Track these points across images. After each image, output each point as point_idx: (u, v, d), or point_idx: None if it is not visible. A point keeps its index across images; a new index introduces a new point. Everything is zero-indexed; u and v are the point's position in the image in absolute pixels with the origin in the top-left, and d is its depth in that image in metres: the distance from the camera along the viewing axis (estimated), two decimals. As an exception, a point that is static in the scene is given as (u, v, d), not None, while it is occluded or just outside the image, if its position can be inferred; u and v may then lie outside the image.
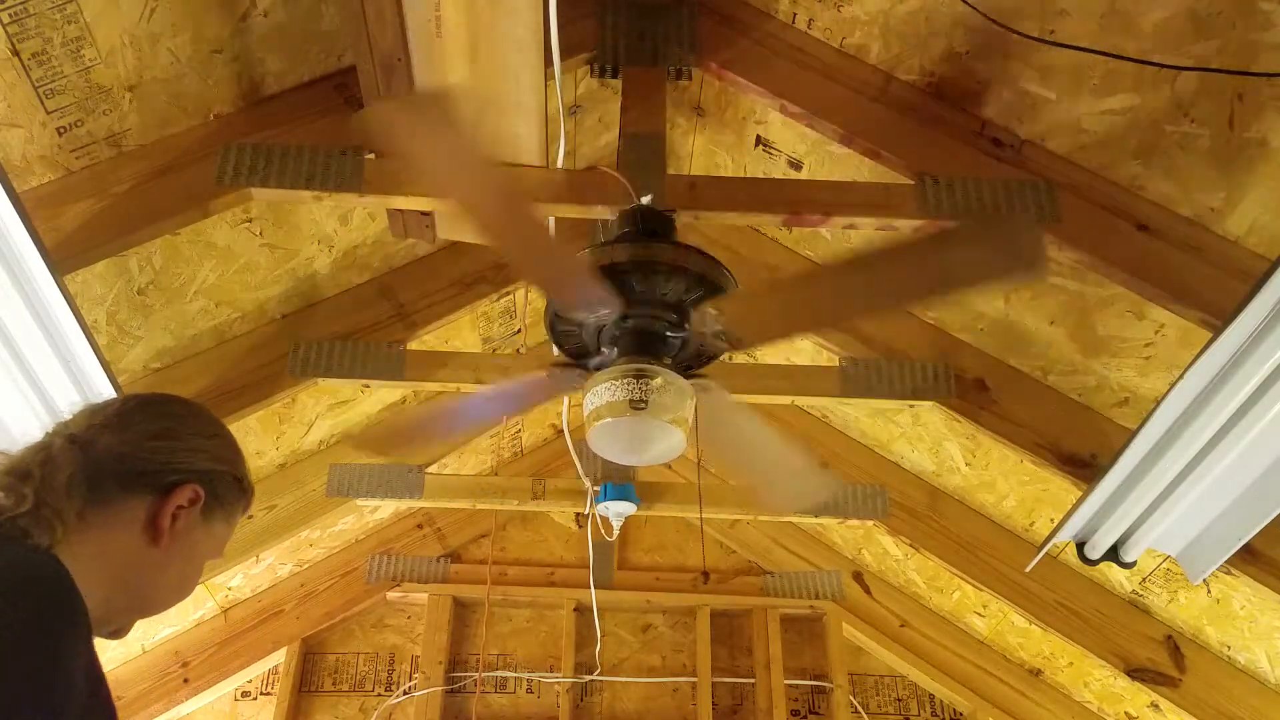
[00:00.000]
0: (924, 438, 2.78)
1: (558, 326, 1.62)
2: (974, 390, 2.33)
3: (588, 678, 3.52)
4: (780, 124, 2.22)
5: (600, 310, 1.50)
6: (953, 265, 1.29)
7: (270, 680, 3.44)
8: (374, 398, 2.85)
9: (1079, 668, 3.11)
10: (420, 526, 3.66)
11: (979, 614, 3.31)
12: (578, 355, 1.68)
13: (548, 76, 1.75)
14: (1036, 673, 3.33)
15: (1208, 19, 1.48)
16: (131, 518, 0.99)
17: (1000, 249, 1.24)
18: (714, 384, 1.62)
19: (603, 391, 1.49)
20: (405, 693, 3.43)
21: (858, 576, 3.60)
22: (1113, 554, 2.13)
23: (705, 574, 3.67)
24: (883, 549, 3.40)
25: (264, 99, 1.89)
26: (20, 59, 1.53)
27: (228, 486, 1.08)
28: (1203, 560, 1.97)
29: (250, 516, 2.74)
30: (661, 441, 1.52)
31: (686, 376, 1.56)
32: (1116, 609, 2.70)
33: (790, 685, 3.50)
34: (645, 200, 1.72)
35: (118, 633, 1.03)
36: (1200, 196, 1.71)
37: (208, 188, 1.76)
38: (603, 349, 1.61)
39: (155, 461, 1.02)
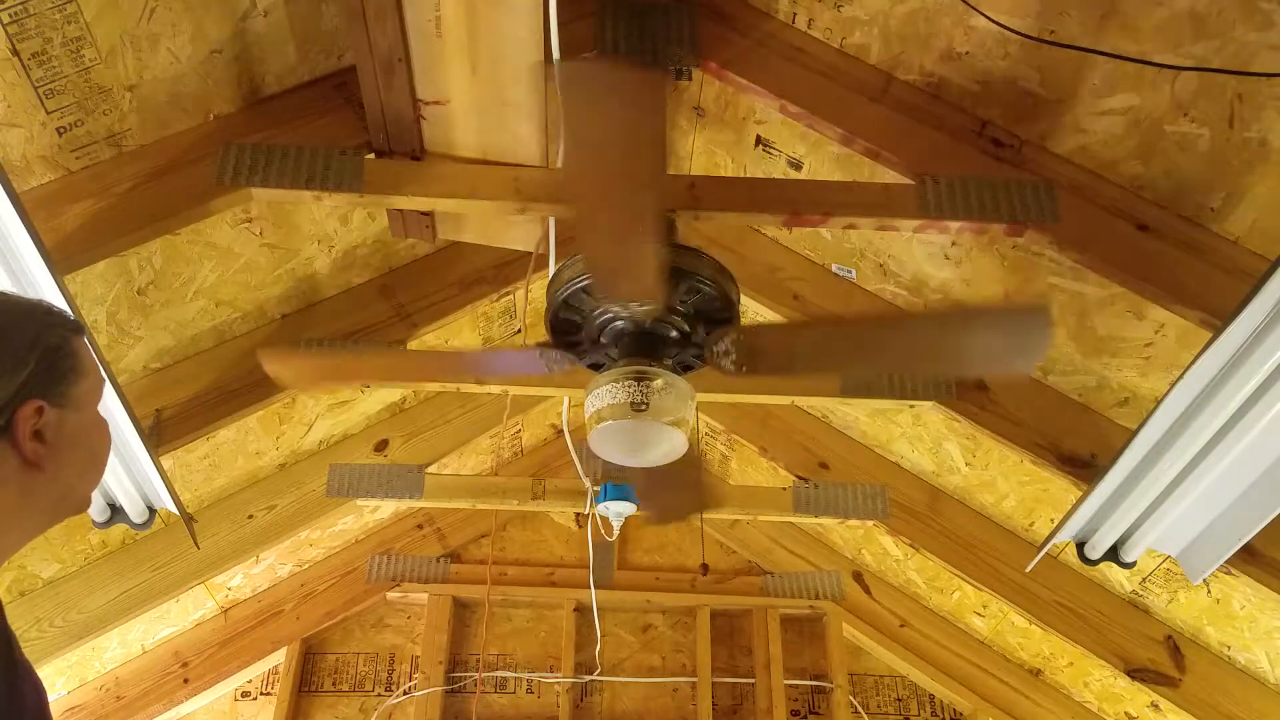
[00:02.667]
0: (924, 438, 2.78)
1: (560, 318, 1.62)
2: (974, 390, 2.33)
3: (588, 678, 3.52)
4: (780, 124, 2.22)
5: (639, 307, 1.49)
6: (964, 348, 1.38)
7: (270, 680, 3.44)
8: (374, 398, 2.85)
9: (1079, 668, 3.11)
10: (420, 526, 3.66)
11: (979, 614, 3.31)
12: (570, 346, 1.67)
13: (548, 76, 1.75)
14: (1036, 673, 3.33)
15: (1208, 19, 1.48)
16: (4, 470, 0.93)
17: (1013, 342, 1.32)
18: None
19: (604, 394, 1.49)
20: (405, 693, 3.43)
21: (858, 576, 3.60)
22: (1113, 554, 2.13)
23: (705, 566, 3.66)
24: (883, 549, 3.40)
25: (264, 99, 1.89)
26: (20, 59, 1.53)
27: (48, 367, 0.97)
28: (1203, 560, 1.97)
29: (251, 516, 2.75)
30: (663, 443, 1.52)
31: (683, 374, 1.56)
32: (1116, 609, 2.70)
33: (790, 685, 3.50)
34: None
35: (78, 507, 1.01)
36: (1200, 196, 1.71)
37: (208, 188, 1.76)
38: (602, 345, 1.61)
39: None
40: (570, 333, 1.64)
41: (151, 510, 2.20)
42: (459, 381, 2.37)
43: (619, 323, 1.57)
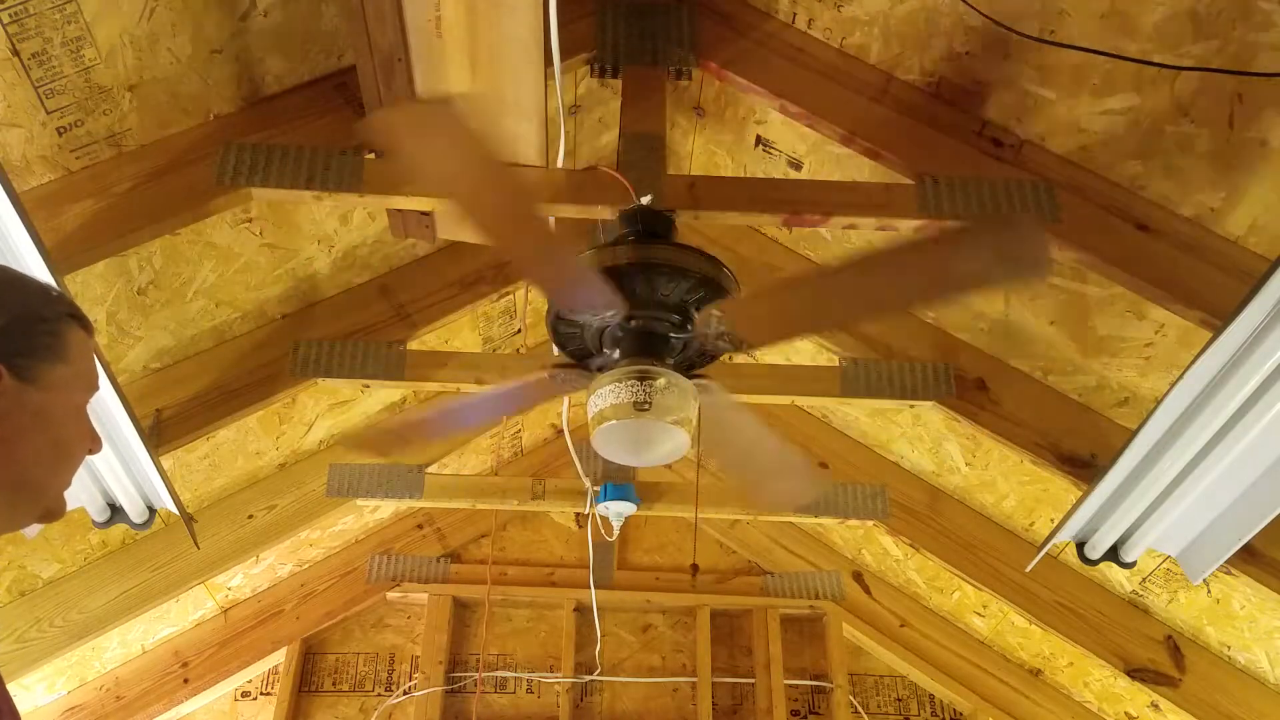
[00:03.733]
0: (924, 438, 2.78)
1: (560, 328, 1.62)
2: (974, 390, 2.33)
3: (588, 678, 3.52)
4: (780, 124, 2.22)
5: (604, 312, 1.50)
6: (957, 268, 1.30)
7: (270, 680, 3.44)
8: (374, 398, 2.85)
9: (1079, 668, 3.11)
10: (420, 526, 3.66)
11: (979, 614, 3.31)
12: (579, 356, 1.68)
13: (548, 76, 1.75)
14: (1036, 673, 3.33)
15: (1208, 19, 1.48)
16: None
17: (1004, 251, 1.24)
18: (714, 384, 1.62)
19: (606, 393, 1.49)
20: (405, 693, 3.43)
21: (858, 576, 3.60)
22: (1113, 554, 2.13)
23: (695, 567, 3.66)
24: (883, 549, 3.40)
25: (264, 99, 1.89)
26: (20, 59, 1.53)
27: (28, 333, 0.91)
28: (1203, 560, 1.97)
29: (251, 516, 2.75)
30: (665, 442, 1.52)
31: (688, 377, 1.56)
32: (1116, 609, 2.70)
33: (790, 685, 3.50)
34: (645, 200, 1.72)
35: (45, 516, 0.94)
36: (1200, 196, 1.71)
37: (208, 188, 1.76)
38: (605, 350, 1.61)
39: None
40: (574, 339, 1.64)
41: (151, 510, 2.20)
42: (493, 424, 2.37)
43: (610, 326, 1.57)
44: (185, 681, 3.23)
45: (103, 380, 1.76)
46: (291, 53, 1.85)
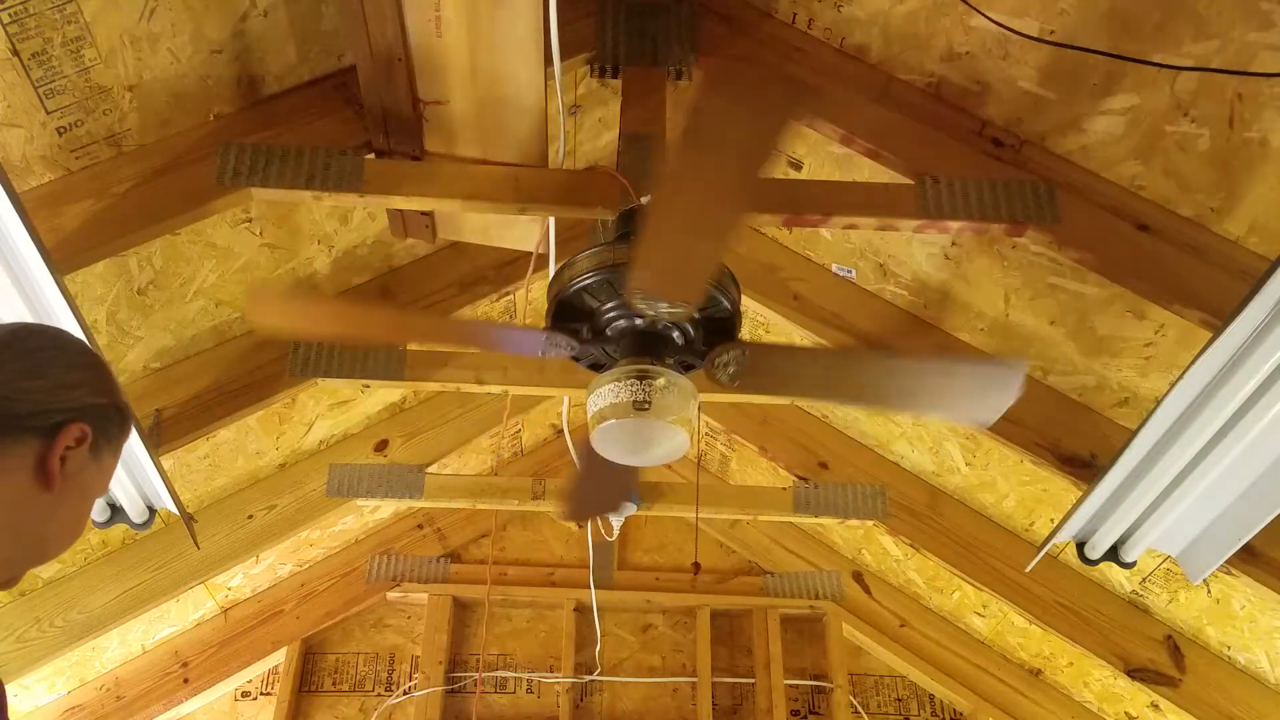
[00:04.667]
0: (924, 438, 2.78)
1: (562, 315, 1.61)
2: (974, 390, 2.33)
3: (588, 678, 3.52)
4: (780, 124, 2.21)
5: (674, 308, 1.50)
6: (945, 396, 1.49)
7: (270, 680, 3.44)
8: (374, 398, 2.85)
9: (1079, 668, 3.11)
10: (420, 526, 3.66)
11: (979, 614, 3.31)
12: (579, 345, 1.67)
13: (548, 76, 1.75)
14: (1036, 673, 3.33)
15: (1208, 19, 1.48)
16: (18, 464, 0.92)
17: (989, 398, 1.46)
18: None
19: (606, 392, 1.49)
20: (405, 693, 3.43)
21: (858, 576, 3.60)
22: (1113, 554, 2.13)
23: (697, 565, 3.66)
24: (883, 549, 3.40)
25: (264, 99, 1.89)
26: (20, 59, 1.53)
27: (110, 418, 1.02)
28: (1203, 560, 1.97)
29: (251, 516, 2.75)
30: (665, 442, 1.51)
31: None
32: (1116, 609, 2.70)
33: (790, 685, 3.50)
34: (645, 200, 1.72)
35: (8, 583, 0.98)
36: (1200, 196, 1.71)
37: (208, 188, 1.76)
38: (604, 345, 1.61)
39: (35, 402, 0.94)
40: (572, 323, 1.63)
41: (151, 510, 2.20)
42: (454, 346, 2.34)
43: (633, 320, 1.56)
44: (185, 681, 3.23)
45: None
46: (291, 53, 1.85)
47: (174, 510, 2.19)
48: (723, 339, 1.58)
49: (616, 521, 2.91)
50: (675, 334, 1.58)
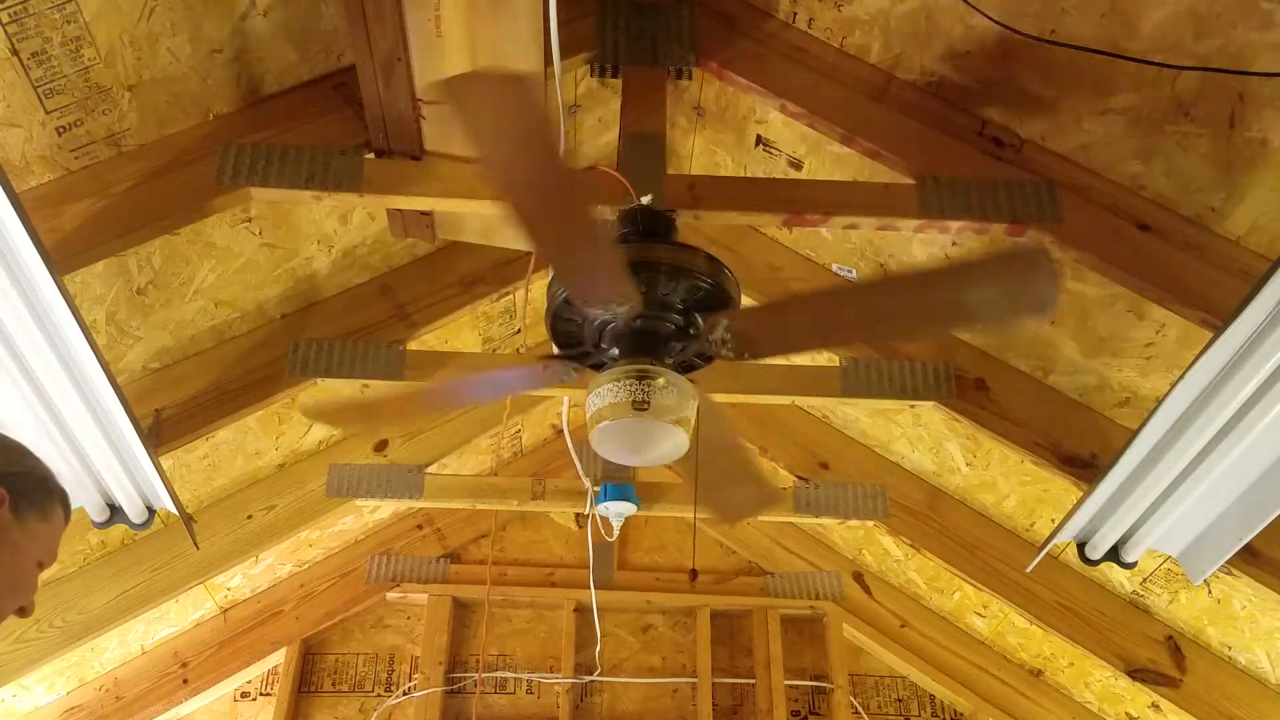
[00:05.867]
0: (924, 438, 2.78)
1: (559, 325, 1.62)
2: (974, 390, 2.33)
3: (588, 678, 3.52)
4: (780, 124, 2.22)
5: (618, 307, 1.49)
6: (965, 297, 1.31)
7: (270, 681, 3.44)
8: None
9: (1080, 668, 3.11)
10: (420, 527, 3.65)
11: (979, 614, 3.31)
12: (577, 354, 1.67)
13: (548, 76, 1.75)
14: (1037, 673, 3.33)
15: (1208, 18, 1.48)
16: None
17: (1014, 284, 1.25)
18: (695, 386, 1.63)
19: (605, 393, 1.49)
20: (405, 693, 3.43)
21: (858, 577, 3.59)
22: (1113, 554, 2.13)
23: (694, 572, 3.66)
24: (883, 549, 3.40)
25: (264, 98, 1.89)
26: (20, 59, 1.53)
27: (29, 484, 1.14)
28: (1204, 560, 1.97)
29: (250, 517, 2.75)
30: (664, 442, 1.51)
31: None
32: (1117, 609, 2.70)
33: (790, 686, 3.50)
34: (645, 200, 1.72)
35: None
36: (1201, 196, 1.71)
37: (207, 187, 1.75)
38: (604, 347, 1.61)
39: None
40: (572, 337, 1.64)
41: (151, 510, 2.20)
42: (472, 405, 2.36)
43: (613, 324, 1.57)
44: (185, 682, 3.23)
45: (102, 380, 1.76)
46: (291, 52, 1.85)
47: (173, 510, 2.19)
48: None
49: (616, 522, 2.90)
50: (671, 329, 1.58)
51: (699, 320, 1.57)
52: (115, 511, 2.16)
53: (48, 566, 1.19)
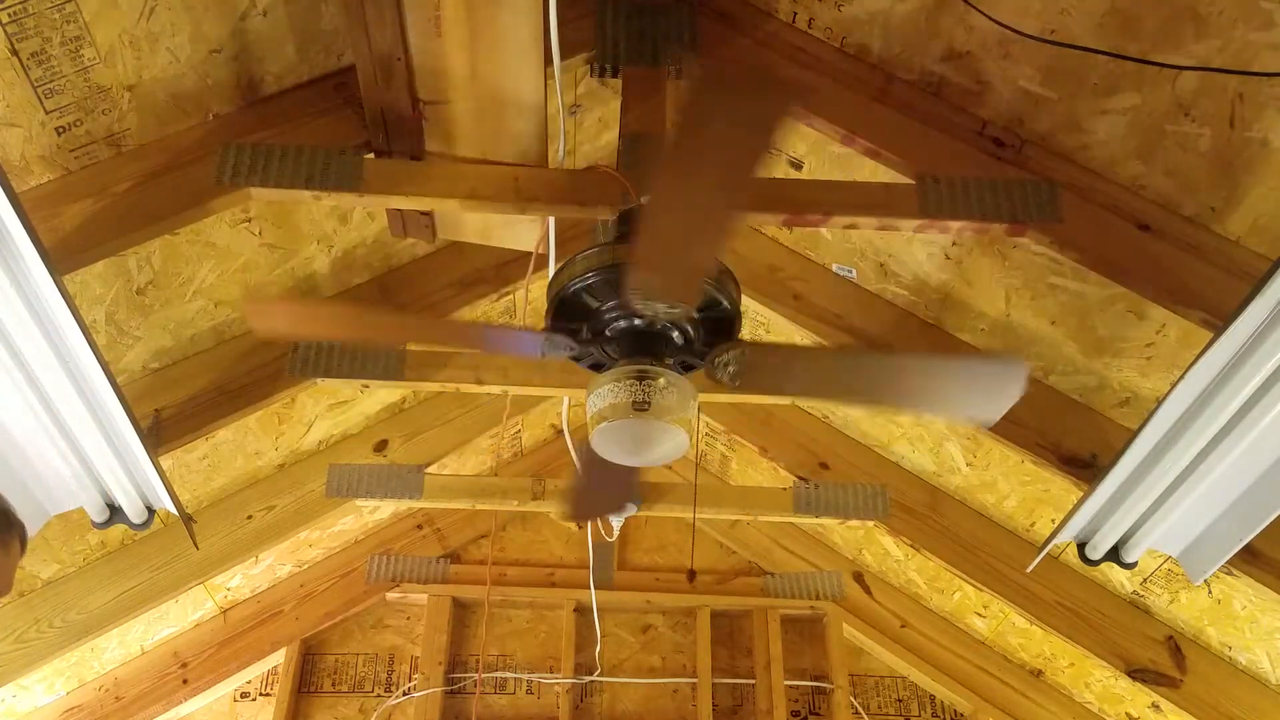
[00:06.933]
0: (925, 438, 2.78)
1: (561, 312, 1.61)
2: (974, 390, 2.32)
3: (588, 678, 3.52)
4: (780, 124, 2.21)
5: (675, 308, 1.50)
6: (947, 395, 1.48)
7: (269, 681, 3.44)
8: (374, 398, 2.84)
9: (1080, 668, 3.11)
10: (420, 527, 3.66)
11: (980, 614, 3.31)
12: (578, 356, 1.67)
13: (548, 75, 1.75)
14: (1037, 673, 3.33)
15: (1208, 19, 1.48)
16: None
17: (988, 392, 1.45)
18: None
19: (605, 393, 1.49)
20: (405, 693, 3.43)
21: (858, 577, 3.59)
22: (1114, 554, 2.12)
23: (692, 573, 3.66)
24: (883, 549, 3.40)
25: (263, 98, 1.89)
26: (19, 59, 1.53)
27: None
28: (1204, 561, 1.97)
29: (250, 517, 2.75)
30: (665, 442, 1.51)
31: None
32: (1117, 609, 2.70)
33: (790, 686, 3.50)
34: (645, 200, 1.72)
35: None
36: (1201, 196, 1.71)
37: (207, 188, 1.75)
38: (604, 344, 1.61)
39: None
40: (571, 323, 1.63)
41: (150, 510, 2.20)
42: (452, 347, 2.34)
43: (633, 320, 1.56)
44: (184, 682, 3.23)
45: (102, 380, 1.76)
46: (291, 52, 1.85)
47: (173, 511, 2.19)
48: (723, 339, 1.57)
49: (616, 522, 2.90)
50: (675, 334, 1.58)
51: (701, 326, 1.57)
52: (115, 511, 2.16)
53: (4, 595, 1.21)
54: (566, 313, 1.60)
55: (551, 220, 2.03)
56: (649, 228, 1.28)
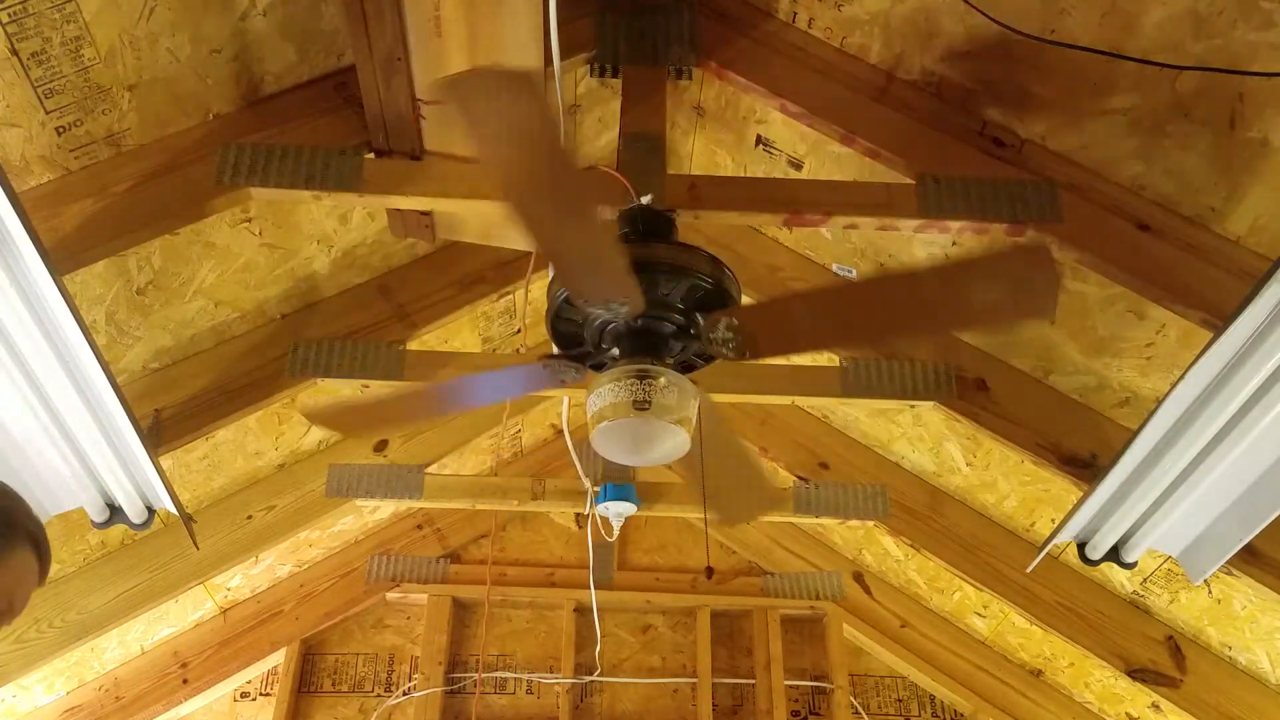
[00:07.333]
0: (925, 438, 2.78)
1: (559, 325, 1.62)
2: (974, 390, 2.33)
3: (588, 678, 3.52)
4: (781, 124, 2.22)
5: (620, 307, 1.48)
6: (968, 300, 1.30)
7: (269, 681, 3.44)
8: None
9: (1080, 668, 3.11)
10: (420, 527, 3.65)
11: (980, 614, 3.31)
12: (578, 354, 1.67)
13: (548, 76, 1.75)
14: (1037, 673, 3.33)
15: (1208, 18, 1.48)
16: None
17: (1017, 288, 1.26)
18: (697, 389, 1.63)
19: (606, 393, 1.49)
20: (405, 693, 3.43)
21: (858, 577, 3.59)
22: (1114, 554, 2.13)
23: (710, 570, 3.65)
24: (883, 549, 3.40)
25: (263, 98, 1.89)
26: (19, 59, 1.53)
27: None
28: (1204, 560, 1.97)
29: (250, 517, 2.75)
30: (665, 442, 1.51)
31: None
32: (1117, 609, 2.70)
33: (790, 686, 3.50)
34: (645, 200, 1.72)
35: None
36: (1201, 196, 1.71)
37: (207, 188, 1.75)
38: (604, 347, 1.61)
39: None
40: (573, 337, 1.64)
41: (150, 510, 2.20)
42: (474, 408, 2.36)
43: (613, 324, 1.56)
44: (184, 682, 3.23)
45: (102, 380, 1.76)
46: (291, 52, 1.85)
47: (173, 511, 2.19)
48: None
49: (617, 522, 2.90)
50: (672, 329, 1.58)
51: (699, 320, 1.57)
52: (115, 511, 2.16)
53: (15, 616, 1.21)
54: (567, 318, 1.60)
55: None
56: (540, 246, 1.30)
